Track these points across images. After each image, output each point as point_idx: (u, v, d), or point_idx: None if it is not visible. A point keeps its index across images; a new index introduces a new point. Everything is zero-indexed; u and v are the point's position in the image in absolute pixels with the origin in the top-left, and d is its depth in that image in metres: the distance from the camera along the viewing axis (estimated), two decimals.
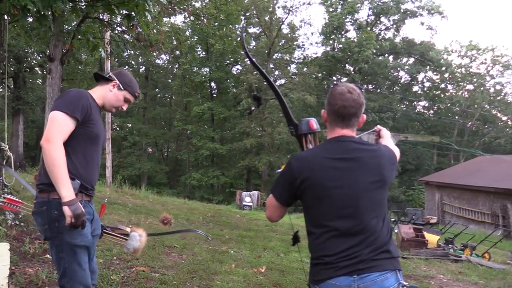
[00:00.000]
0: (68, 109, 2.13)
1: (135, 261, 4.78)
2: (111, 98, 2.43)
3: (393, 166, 1.86)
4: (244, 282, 4.55)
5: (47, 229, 2.17)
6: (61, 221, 2.10)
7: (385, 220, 1.79)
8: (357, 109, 1.82)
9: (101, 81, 2.46)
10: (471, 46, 39.18)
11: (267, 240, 7.61)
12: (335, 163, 1.76)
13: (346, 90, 1.82)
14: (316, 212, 1.80)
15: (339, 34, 33.19)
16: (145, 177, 33.29)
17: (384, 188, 1.80)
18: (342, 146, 1.80)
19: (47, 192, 2.15)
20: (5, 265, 3.37)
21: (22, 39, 11.57)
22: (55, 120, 2.11)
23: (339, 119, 1.83)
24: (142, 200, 11.13)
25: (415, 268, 6.58)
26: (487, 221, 17.54)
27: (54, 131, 2.08)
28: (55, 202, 2.11)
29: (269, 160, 29.48)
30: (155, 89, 40.48)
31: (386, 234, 1.75)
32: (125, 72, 2.53)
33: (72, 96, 2.20)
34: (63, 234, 2.14)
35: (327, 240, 1.75)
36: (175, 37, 18.60)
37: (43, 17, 5.05)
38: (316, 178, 1.76)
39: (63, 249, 2.16)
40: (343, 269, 1.69)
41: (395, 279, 1.70)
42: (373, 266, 1.68)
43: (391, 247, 1.75)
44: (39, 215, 2.19)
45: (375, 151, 1.83)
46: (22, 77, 21.69)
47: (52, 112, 2.12)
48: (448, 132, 38.49)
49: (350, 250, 1.70)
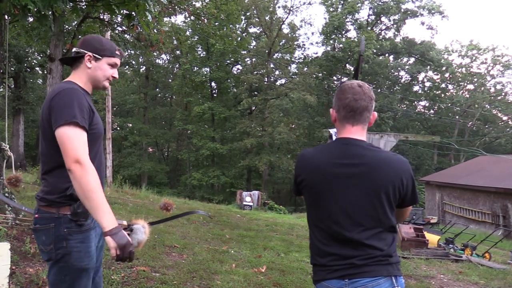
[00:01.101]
0: (77, 118, 1.81)
1: (135, 261, 4.78)
2: (95, 75, 2.03)
3: (402, 183, 1.70)
4: (244, 282, 4.55)
5: (51, 249, 1.88)
6: (70, 241, 1.88)
7: (385, 233, 1.71)
8: (368, 102, 1.77)
9: (74, 64, 2.05)
10: (471, 46, 39.17)
11: (267, 240, 7.61)
12: (334, 169, 1.73)
13: (356, 84, 1.79)
14: (313, 213, 1.82)
15: (339, 34, 33.19)
16: (145, 177, 33.31)
17: (381, 201, 1.68)
18: (347, 150, 1.74)
19: (56, 207, 1.88)
20: (5, 265, 3.37)
21: (22, 38, 11.57)
22: (73, 137, 1.77)
23: (350, 114, 1.77)
24: (142, 199, 11.13)
25: (416, 268, 6.58)
26: (487, 221, 17.54)
27: (80, 149, 1.76)
28: (66, 219, 1.87)
29: (270, 160, 29.51)
30: (156, 89, 40.51)
31: (385, 243, 1.69)
32: (90, 37, 2.08)
33: (70, 101, 1.83)
34: (71, 256, 1.88)
35: (321, 242, 1.76)
36: (176, 37, 18.59)
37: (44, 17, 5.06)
38: (313, 182, 1.77)
39: (68, 272, 1.89)
40: (335, 273, 1.70)
41: (389, 284, 1.66)
42: (364, 272, 1.66)
43: (390, 255, 1.70)
44: (43, 232, 1.89)
45: (383, 159, 1.71)
46: (23, 77, 21.71)
47: (64, 128, 1.77)
48: (449, 132, 38.49)
49: (341, 256, 1.70)
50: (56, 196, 1.88)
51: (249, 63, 36.17)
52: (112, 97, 18.37)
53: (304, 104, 31.82)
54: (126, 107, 36.97)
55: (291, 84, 33.46)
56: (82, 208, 1.84)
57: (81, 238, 1.92)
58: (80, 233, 1.91)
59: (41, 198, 1.92)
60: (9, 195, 5.13)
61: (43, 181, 1.95)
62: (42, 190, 1.94)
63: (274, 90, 32.83)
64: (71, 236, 1.88)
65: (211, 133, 32.39)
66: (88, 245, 1.95)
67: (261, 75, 33.59)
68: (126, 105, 36.57)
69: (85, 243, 1.93)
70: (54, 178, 1.90)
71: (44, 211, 1.90)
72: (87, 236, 1.95)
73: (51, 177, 1.92)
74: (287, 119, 33.40)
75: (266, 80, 33.83)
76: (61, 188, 1.88)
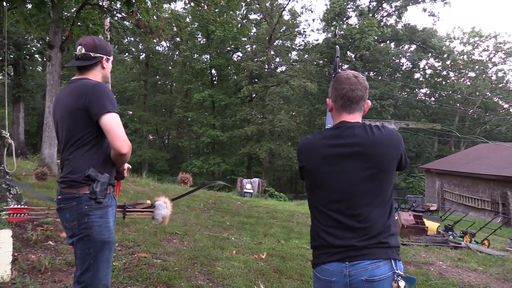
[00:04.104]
0: (117, 108, 2.18)
1: (136, 248, 4.82)
2: (107, 73, 2.40)
3: (397, 151, 1.79)
4: (245, 268, 4.59)
5: (75, 225, 2.13)
6: (90, 216, 2.11)
7: (384, 208, 1.75)
8: (364, 92, 1.85)
9: (89, 66, 2.30)
10: (473, 33, 38.89)
11: (267, 226, 7.66)
12: (331, 150, 1.79)
13: (352, 75, 1.87)
14: (313, 196, 1.86)
15: (340, 21, 32.92)
16: (146, 164, 33.39)
17: (379, 177, 1.74)
18: (342, 132, 1.80)
19: (76, 188, 2.12)
20: (8, 252, 3.41)
21: (21, 26, 11.49)
22: (120, 123, 2.13)
23: (347, 103, 1.84)
24: (143, 187, 11.17)
25: (415, 255, 6.62)
26: (487, 208, 17.61)
27: (125, 135, 2.13)
28: (86, 197, 2.11)
29: (270, 147, 29.52)
30: (156, 76, 40.38)
31: (382, 224, 1.73)
32: (102, 42, 2.36)
33: (110, 94, 2.17)
34: (92, 229, 2.12)
35: (322, 224, 1.80)
36: (175, 23, 18.41)
37: (42, 3, 5.02)
38: (312, 165, 1.83)
39: (91, 244, 2.13)
40: (335, 255, 1.73)
41: (389, 268, 1.69)
42: (364, 254, 1.69)
43: (389, 237, 1.73)
44: (67, 210, 2.15)
45: (376, 136, 1.76)
46: (22, 64, 21.62)
47: (112, 115, 2.10)
48: (449, 120, 38.43)
49: (342, 237, 1.73)
50: (78, 175, 2.12)
51: (249, 50, 35.94)
52: (112, 84, 18.31)
53: (304, 92, 31.72)
54: (126, 94, 36.88)
55: (291, 71, 33.32)
56: (100, 187, 2.13)
57: (101, 213, 2.16)
58: (100, 209, 2.15)
59: (63, 180, 2.17)
60: (9, 182, 5.15)
61: (66, 162, 2.19)
62: (65, 171, 2.18)
63: (274, 77, 32.67)
64: (92, 212, 2.12)
65: (211, 120, 32.35)
66: (107, 220, 2.19)
67: (261, 62, 33.42)
68: (126, 93, 36.49)
69: (104, 218, 2.17)
70: (78, 160, 2.15)
71: (65, 192, 2.16)
72: (106, 212, 2.19)
73: (76, 158, 2.16)
74: (287, 107, 33.34)
75: (267, 67, 33.66)
76: (83, 168, 2.12)
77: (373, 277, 1.68)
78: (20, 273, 3.49)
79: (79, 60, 2.27)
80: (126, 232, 5.43)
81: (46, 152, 10.07)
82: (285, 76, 32.89)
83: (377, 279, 1.68)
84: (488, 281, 5.34)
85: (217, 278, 4.17)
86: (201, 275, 4.23)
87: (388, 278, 1.68)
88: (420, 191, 28.39)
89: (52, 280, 3.50)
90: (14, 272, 3.46)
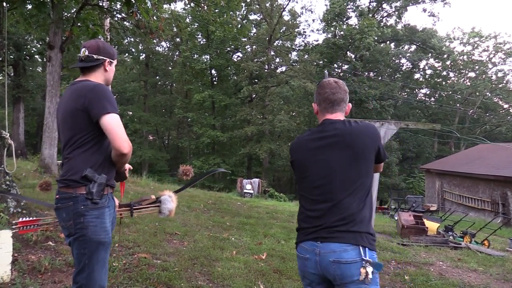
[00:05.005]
0: (117, 109, 2.19)
1: (137, 248, 4.83)
2: (109, 76, 2.41)
3: (373, 142, 1.99)
4: (245, 269, 4.59)
5: (71, 224, 2.15)
6: (86, 217, 2.13)
7: (358, 196, 1.91)
8: (343, 94, 2.11)
9: (89, 68, 2.33)
10: (473, 33, 38.89)
11: (267, 227, 7.66)
12: (314, 143, 2.03)
13: (333, 81, 2.13)
14: (300, 184, 2.10)
15: (340, 21, 32.89)
16: (146, 165, 33.37)
17: (356, 165, 1.92)
18: (325, 127, 2.05)
19: (73, 188, 2.14)
20: (8, 252, 3.41)
21: (21, 26, 11.47)
22: (120, 124, 2.14)
23: (329, 105, 2.09)
24: (143, 187, 11.16)
25: (415, 255, 6.62)
26: (487, 208, 17.61)
27: (125, 135, 2.15)
28: (82, 198, 2.13)
29: (270, 148, 29.51)
30: (156, 77, 40.35)
31: (356, 211, 1.88)
32: (106, 45, 2.39)
33: (110, 95, 2.18)
34: (88, 230, 2.14)
35: (304, 208, 2.03)
36: (175, 24, 18.40)
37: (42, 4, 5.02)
38: (300, 158, 2.09)
39: (87, 245, 2.15)
40: (310, 235, 1.94)
41: (357, 254, 1.81)
42: (334, 237, 1.85)
43: (360, 224, 1.87)
44: (63, 210, 2.17)
45: (353, 127, 1.99)
46: (22, 65, 21.62)
47: (112, 115, 2.10)
48: (450, 120, 38.42)
49: (318, 218, 1.92)
50: (75, 175, 2.14)
51: (249, 50, 35.93)
52: (112, 85, 18.30)
53: (304, 92, 31.65)
54: (126, 95, 36.86)
55: (291, 72, 33.28)
56: (96, 188, 2.15)
57: (97, 214, 2.17)
58: (96, 209, 2.17)
59: (61, 180, 2.18)
60: (10, 183, 5.15)
61: (65, 161, 2.21)
62: (64, 171, 2.20)
63: (274, 78, 32.65)
64: (88, 213, 2.14)
65: (211, 120, 32.33)
66: (103, 221, 2.20)
67: (261, 63, 33.40)
68: (126, 93, 36.47)
69: (100, 219, 2.18)
70: (76, 160, 2.16)
71: (63, 192, 2.17)
72: (102, 213, 2.20)
73: (75, 158, 2.17)
74: (287, 107, 33.30)
75: (267, 68, 33.65)
76: (80, 168, 2.14)
77: (339, 259, 1.82)
78: (20, 274, 3.49)
79: (82, 62, 2.30)
80: (126, 233, 5.44)
81: (46, 152, 10.07)
82: (285, 77, 32.86)
83: (343, 261, 1.81)
84: (488, 281, 5.34)
85: (217, 279, 4.17)
86: (201, 276, 4.24)
87: (356, 263, 1.80)
88: (420, 191, 28.40)
89: (52, 280, 3.51)
90: (14, 273, 3.46)
